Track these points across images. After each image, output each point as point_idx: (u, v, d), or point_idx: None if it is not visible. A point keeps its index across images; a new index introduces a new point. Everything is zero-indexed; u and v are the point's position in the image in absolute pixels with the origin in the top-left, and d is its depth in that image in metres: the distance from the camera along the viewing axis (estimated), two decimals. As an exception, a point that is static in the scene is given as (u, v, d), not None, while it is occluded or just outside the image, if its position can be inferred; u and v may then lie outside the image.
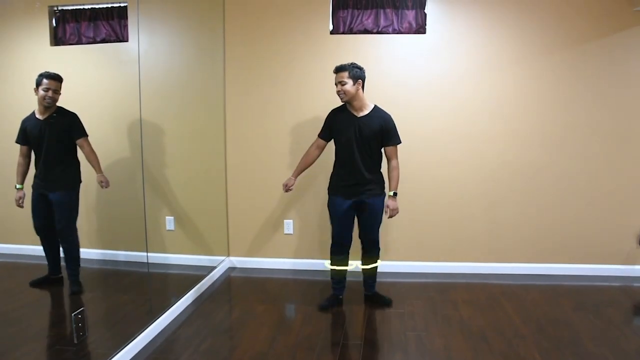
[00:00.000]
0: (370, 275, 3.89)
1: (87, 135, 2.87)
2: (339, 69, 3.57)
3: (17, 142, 2.58)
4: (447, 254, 4.61)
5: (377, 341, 3.30)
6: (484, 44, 4.37)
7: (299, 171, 3.85)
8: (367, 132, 3.57)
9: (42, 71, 2.57)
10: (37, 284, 2.86)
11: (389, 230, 4.55)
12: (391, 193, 3.66)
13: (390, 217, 3.71)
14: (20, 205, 2.59)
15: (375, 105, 3.67)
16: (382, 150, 3.70)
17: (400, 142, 3.69)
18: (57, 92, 2.63)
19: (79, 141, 2.88)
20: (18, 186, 2.60)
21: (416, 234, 4.60)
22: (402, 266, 4.62)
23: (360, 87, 3.58)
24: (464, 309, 3.78)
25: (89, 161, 2.92)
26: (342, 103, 3.67)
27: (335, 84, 3.58)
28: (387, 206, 3.67)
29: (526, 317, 3.61)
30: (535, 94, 4.38)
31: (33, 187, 2.67)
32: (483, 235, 4.56)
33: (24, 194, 2.60)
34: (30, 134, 2.62)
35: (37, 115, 2.65)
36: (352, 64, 3.57)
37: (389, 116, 3.67)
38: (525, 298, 4.00)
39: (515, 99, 4.40)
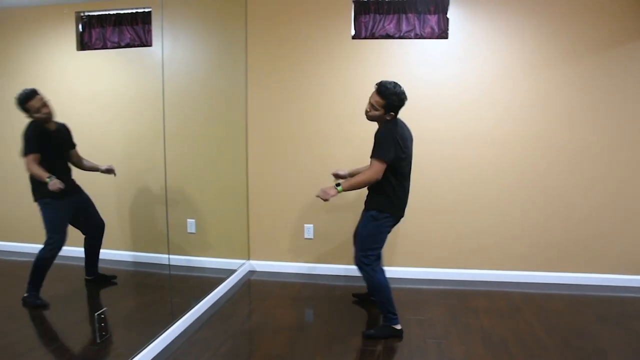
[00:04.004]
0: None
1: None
2: (378, 91, 3.20)
3: (33, 152, 2.56)
4: (467, 261, 4.56)
5: (396, 347, 3.28)
6: (507, 49, 4.33)
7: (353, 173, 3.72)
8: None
9: (16, 99, 2.45)
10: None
11: (408, 236, 4.52)
12: (336, 184, 3.28)
13: (317, 196, 3.34)
14: (61, 188, 2.61)
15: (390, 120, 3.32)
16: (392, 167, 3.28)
17: (374, 157, 3.20)
18: (45, 104, 2.54)
19: (73, 151, 2.84)
20: (49, 177, 2.58)
21: (435, 240, 4.57)
22: (422, 273, 4.59)
23: (388, 117, 3.25)
24: (484, 317, 3.74)
25: (85, 167, 2.89)
26: None
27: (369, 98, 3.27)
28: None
29: (549, 327, 3.55)
30: (559, 100, 4.32)
31: (60, 206, 2.70)
32: (504, 243, 4.50)
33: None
34: (46, 143, 2.63)
35: (45, 125, 2.64)
36: (394, 91, 3.18)
37: (381, 130, 3.27)
38: (547, 307, 3.93)
39: (538, 105, 4.34)
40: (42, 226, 2.64)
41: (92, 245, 3.03)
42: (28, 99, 2.47)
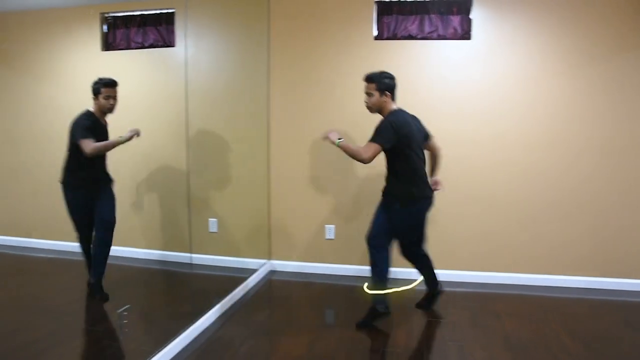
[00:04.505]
0: None
1: None
2: (367, 79, 3.43)
3: (87, 137, 2.65)
4: (490, 263, 4.50)
5: (417, 349, 3.25)
6: (531, 50, 4.27)
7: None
8: None
9: (98, 78, 2.64)
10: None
11: (430, 238, 4.48)
12: (339, 138, 3.45)
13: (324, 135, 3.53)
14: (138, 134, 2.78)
15: (393, 110, 3.45)
16: (391, 156, 3.46)
17: (372, 140, 3.33)
18: (116, 98, 2.74)
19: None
20: (120, 136, 2.77)
21: (457, 242, 4.52)
22: (443, 275, 4.54)
23: (387, 99, 3.41)
24: (507, 320, 3.69)
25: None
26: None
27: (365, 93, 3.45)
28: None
29: (573, 332, 3.48)
30: (583, 103, 4.24)
31: (78, 196, 2.76)
32: (527, 246, 4.43)
33: None
34: (98, 135, 2.73)
35: (98, 118, 2.75)
36: (381, 73, 3.41)
37: (384, 119, 3.39)
38: (572, 312, 3.86)
39: (560, 106, 4.27)
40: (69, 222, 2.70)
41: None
42: (108, 85, 2.68)
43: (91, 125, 2.69)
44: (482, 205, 4.46)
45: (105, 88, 2.67)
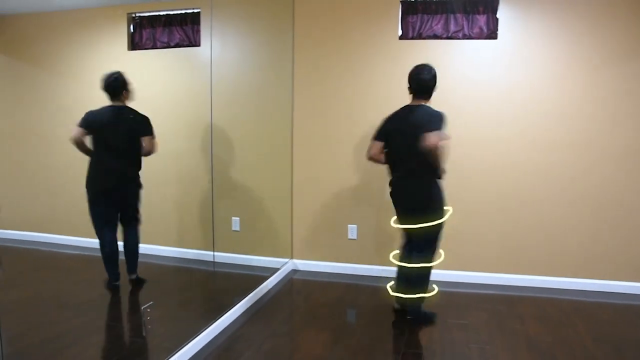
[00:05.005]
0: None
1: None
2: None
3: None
4: (513, 265, 4.44)
5: (438, 351, 3.22)
6: (557, 50, 4.19)
7: None
8: None
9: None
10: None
11: (452, 239, 4.45)
12: None
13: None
14: None
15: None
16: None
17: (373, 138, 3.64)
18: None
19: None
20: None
21: (481, 243, 4.47)
22: (465, 276, 4.50)
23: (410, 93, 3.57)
24: (531, 324, 3.63)
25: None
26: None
27: None
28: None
29: (599, 337, 3.41)
30: (607, 104, 4.15)
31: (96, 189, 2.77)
32: (551, 248, 4.36)
33: None
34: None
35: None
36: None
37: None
38: (598, 317, 3.78)
39: (586, 107, 4.18)
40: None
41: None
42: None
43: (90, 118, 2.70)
44: (506, 206, 4.40)
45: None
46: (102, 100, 2.68)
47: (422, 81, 3.47)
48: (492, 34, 4.30)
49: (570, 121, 4.23)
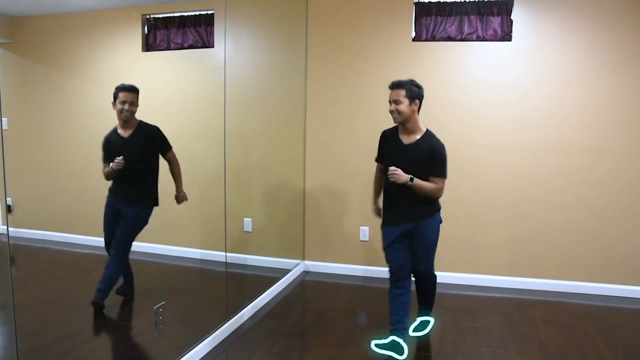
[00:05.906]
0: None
1: (171, 147, 2.91)
2: (395, 86, 3.13)
3: (104, 161, 2.63)
4: (525, 269, 4.40)
5: (450, 354, 3.20)
6: (572, 52, 4.15)
7: (376, 196, 3.49)
8: (412, 161, 3.07)
9: (119, 83, 2.57)
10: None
11: (463, 242, 4.42)
12: (411, 178, 3.01)
13: (390, 172, 3.05)
14: (117, 168, 2.62)
15: (428, 130, 3.14)
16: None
17: (445, 176, 3.08)
18: (133, 104, 2.62)
19: (167, 155, 2.92)
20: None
21: (493, 247, 4.43)
22: (477, 279, 4.47)
23: (416, 109, 3.10)
24: (542, 327, 3.59)
25: (175, 173, 2.96)
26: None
27: (389, 102, 3.14)
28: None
29: (611, 342, 3.37)
30: (624, 106, 4.10)
31: (107, 204, 2.72)
32: (564, 252, 4.31)
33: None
34: (114, 152, 2.63)
35: (120, 131, 2.68)
36: (411, 81, 3.11)
37: (440, 145, 3.09)
38: (610, 321, 3.74)
39: (601, 110, 4.14)
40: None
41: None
42: (124, 90, 2.61)
43: (106, 144, 2.67)
44: (519, 210, 4.36)
45: (121, 93, 2.57)
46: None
47: None
48: (506, 36, 4.27)
49: (586, 124, 4.18)
